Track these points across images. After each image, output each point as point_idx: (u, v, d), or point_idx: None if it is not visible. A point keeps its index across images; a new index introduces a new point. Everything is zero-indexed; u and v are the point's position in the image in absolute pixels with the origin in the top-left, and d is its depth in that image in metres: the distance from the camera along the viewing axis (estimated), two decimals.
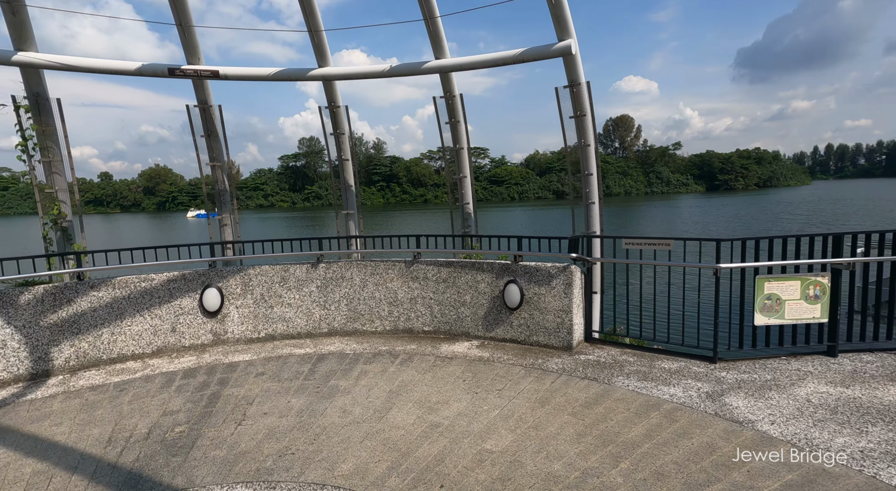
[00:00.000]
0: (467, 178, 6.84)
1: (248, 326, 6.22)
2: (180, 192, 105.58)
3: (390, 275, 6.34)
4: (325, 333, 6.40)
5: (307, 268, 6.36)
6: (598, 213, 6.02)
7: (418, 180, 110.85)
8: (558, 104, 5.79)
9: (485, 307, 5.97)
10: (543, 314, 5.58)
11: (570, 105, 5.68)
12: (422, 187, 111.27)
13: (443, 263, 6.17)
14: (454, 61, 5.72)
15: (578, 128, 5.80)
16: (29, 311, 5.12)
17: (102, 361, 5.52)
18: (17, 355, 5.05)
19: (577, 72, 5.46)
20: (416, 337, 6.24)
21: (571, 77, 5.50)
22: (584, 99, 5.62)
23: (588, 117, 5.67)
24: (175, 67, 5.55)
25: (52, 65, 5.02)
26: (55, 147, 5.67)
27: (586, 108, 5.66)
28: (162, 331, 5.84)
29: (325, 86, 6.43)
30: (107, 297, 5.55)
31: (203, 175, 6.72)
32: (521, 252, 5.79)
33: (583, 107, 5.65)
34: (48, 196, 5.80)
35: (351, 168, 7.11)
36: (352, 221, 7.19)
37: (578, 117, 5.70)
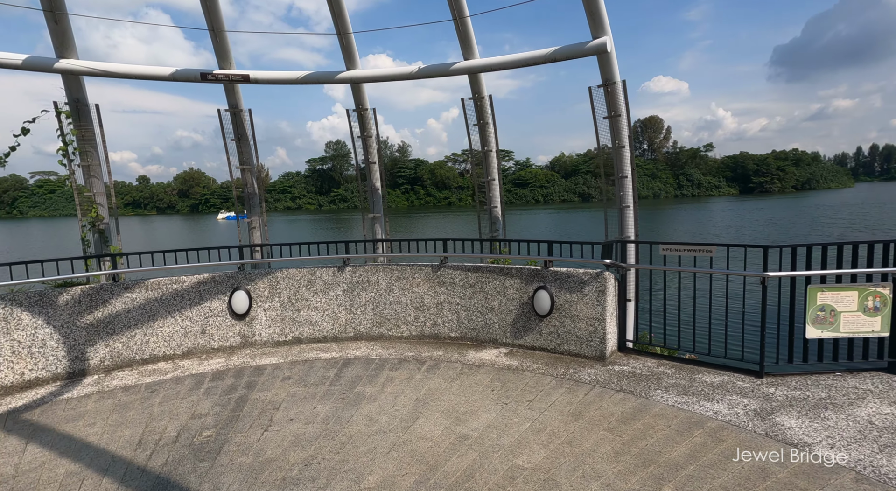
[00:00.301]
0: (496, 181, 6.69)
1: (275, 329, 6.23)
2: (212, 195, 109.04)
3: (417, 279, 6.25)
4: (351, 338, 6.36)
5: (333, 271, 6.34)
6: (633, 218, 5.78)
7: (442, 183, 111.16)
8: (591, 104, 5.58)
9: (513, 314, 5.81)
10: (575, 322, 5.38)
11: (605, 105, 5.47)
12: (446, 190, 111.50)
13: (470, 267, 6.04)
14: (483, 62, 5.60)
15: (613, 128, 5.57)
16: (67, 311, 5.25)
17: (135, 361, 5.62)
18: (55, 354, 5.18)
19: (612, 70, 5.24)
20: (443, 343, 6.12)
21: (606, 76, 5.29)
22: (619, 98, 5.40)
23: (623, 117, 5.44)
24: (207, 72, 5.63)
25: (91, 71, 5.16)
26: (94, 151, 5.83)
27: (621, 108, 5.43)
28: (192, 333, 5.90)
29: (352, 88, 6.41)
30: (140, 298, 5.65)
31: (233, 178, 6.80)
32: (552, 257, 5.60)
33: (617, 106, 5.43)
34: (87, 199, 5.97)
35: (378, 171, 7.07)
36: (378, 225, 7.14)
37: (613, 118, 5.48)
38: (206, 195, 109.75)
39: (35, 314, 5.08)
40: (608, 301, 5.21)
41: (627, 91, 5.29)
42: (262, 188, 6.91)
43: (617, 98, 5.40)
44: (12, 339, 4.95)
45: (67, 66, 5.09)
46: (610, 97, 5.36)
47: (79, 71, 5.16)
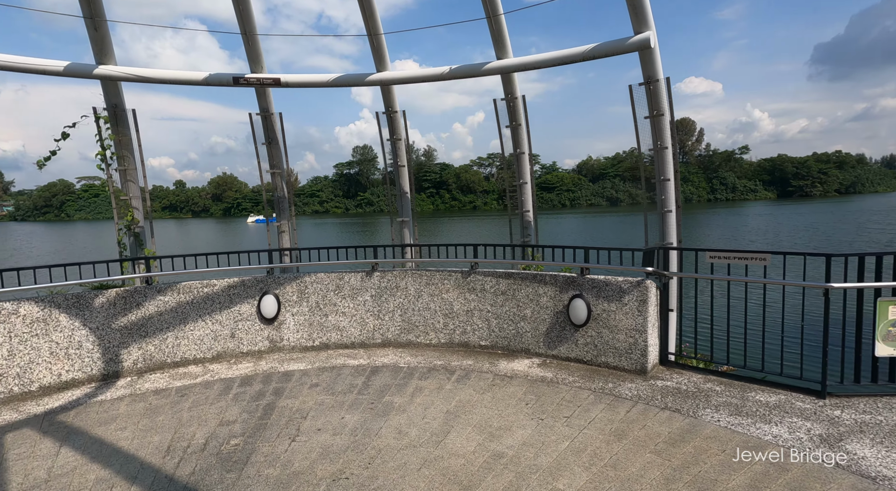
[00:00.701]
0: (528, 184, 6.47)
1: (303, 334, 6.17)
2: (244, 199, 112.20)
3: (446, 285, 6.08)
4: (379, 344, 6.24)
5: (362, 276, 6.24)
6: (676, 223, 5.45)
7: (468, 187, 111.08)
8: (632, 104, 5.31)
9: (547, 323, 5.56)
10: (613, 333, 5.09)
11: (646, 104, 5.18)
12: (471, 194, 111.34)
13: (501, 274, 5.83)
14: (517, 61, 5.41)
15: (654, 129, 5.28)
16: (102, 313, 5.32)
17: (167, 364, 5.64)
18: (90, 356, 5.25)
19: (655, 67, 4.96)
20: (473, 352, 5.92)
21: (648, 73, 5.01)
22: (661, 97, 5.10)
23: (666, 117, 5.14)
24: (239, 76, 5.65)
25: (128, 77, 5.25)
26: (130, 156, 5.93)
27: (664, 107, 5.14)
28: (222, 336, 5.90)
29: (382, 91, 6.33)
30: (172, 301, 5.68)
31: (263, 182, 6.81)
32: (588, 264, 5.33)
33: (660, 105, 5.13)
34: (123, 203, 6.07)
35: (406, 175, 6.95)
36: (406, 229, 7.02)
37: (655, 117, 5.19)
38: (237, 199, 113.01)
39: (72, 316, 5.16)
40: (650, 311, 4.91)
41: (671, 89, 5.00)
42: (292, 193, 6.90)
43: (659, 96, 5.11)
44: (50, 340, 5.04)
45: (106, 71, 5.18)
46: (652, 96, 5.08)
47: (116, 76, 5.25)
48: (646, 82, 5.08)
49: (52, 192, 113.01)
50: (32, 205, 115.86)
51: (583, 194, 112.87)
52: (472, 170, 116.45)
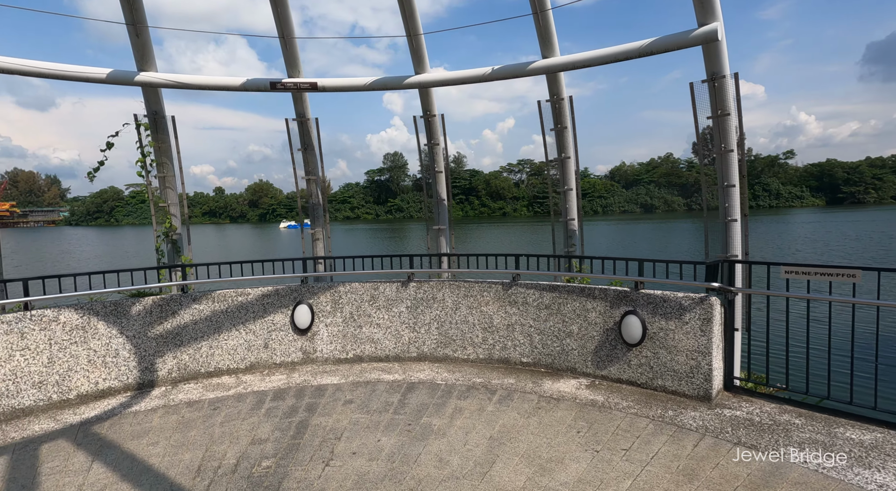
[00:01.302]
0: (573, 191, 6.08)
1: (336, 346, 5.97)
2: (279, 205, 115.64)
3: (485, 298, 5.75)
4: (414, 358, 5.96)
5: (397, 286, 6.00)
6: (742, 233, 4.94)
7: (497, 193, 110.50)
8: (693, 103, 4.86)
9: (595, 340, 5.14)
10: (672, 354, 4.62)
11: (709, 103, 4.73)
12: (500, 200, 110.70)
13: (546, 287, 5.45)
14: (566, 60, 5.06)
15: (719, 130, 4.81)
16: (139, 321, 5.28)
17: (201, 374, 5.55)
18: (127, 365, 5.20)
19: (722, 62, 4.51)
20: (514, 369, 5.55)
21: (713, 68, 4.56)
22: (727, 94, 4.64)
23: (733, 117, 4.67)
24: (276, 81, 5.55)
25: (168, 83, 5.23)
26: (169, 163, 5.92)
27: (730, 106, 4.67)
28: (255, 347, 5.77)
29: (420, 94, 6.11)
30: (206, 310, 5.59)
31: (298, 188, 6.70)
32: (643, 278, 4.89)
33: (726, 104, 4.67)
34: (161, 210, 6.07)
35: (444, 181, 6.69)
36: (443, 238, 6.74)
37: (720, 117, 4.73)
38: (273, 205, 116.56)
39: (110, 324, 5.13)
40: (714, 331, 4.42)
41: (739, 86, 4.52)
42: (326, 199, 6.76)
43: (725, 94, 4.64)
44: (88, 348, 5.01)
45: (146, 78, 5.18)
46: (717, 93, 4.62)
47: (157, 83, 5.23)
48: (710, 79, 4.63)
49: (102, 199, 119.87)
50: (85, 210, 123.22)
51: (615, 201, 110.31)
52: (502, 176, 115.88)
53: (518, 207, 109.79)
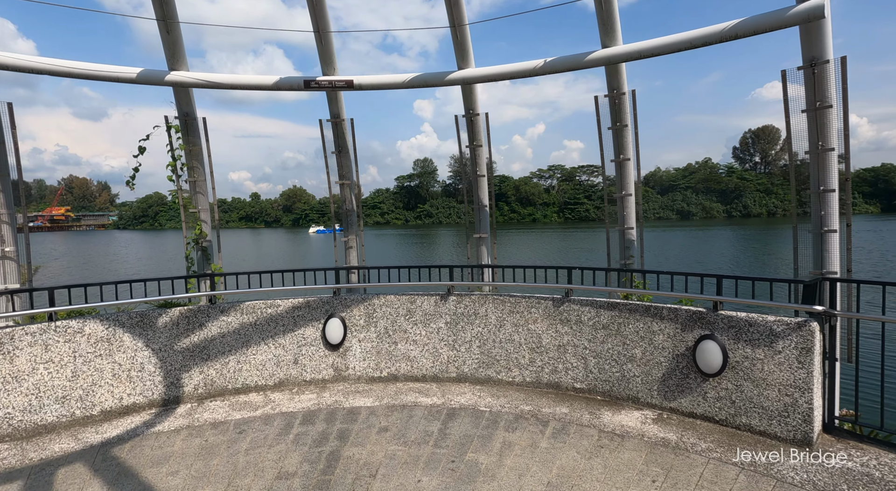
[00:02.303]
0: (632, 197, 5.45)
1: (370, 363, 5.54)
2: (311, 210, 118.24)
3: (533, 314, 5.18)
4: (454, 378, 5.45)
5: (436, 300, 5.51)
6: (846, 247, 4.19)
7: (527, 199, 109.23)
8: (784, 94, 4.17)
9: (663, 367, 4.49)
10: (760, 388, 3.93)
11: (805, 94, 4.04)
12: (530, 206, 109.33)
13: (604, 304, 4.84)
14: (630, 48, 4.47)
15: (815, 125, 4.10)
16: (165, 334, 5.00)
17: (227, 390, 5.22)
18: (152, 379, 4.93)
19: (824, 44, 3.83)
20: (566, 395, 4.95)
21: (813, 53, 3.88)
22: (828, 84, 3.94)
23: (836, 109, 3.96)
24: (310, 79, 5.21)
25: (199, 83, 4.98)
26: (200, 167, 5.68)
27: (831, 97, 3.96)
28: (284, 362, 5.41)
29: (463, 91, 5.64)
30: (235, 322, 5.28)
31: (331, 194, 6.35)
32: (723, 297, 4.22)
33: (826, 95, 3.97)
34: (192, 216, 5.82)
35: (486, 185, 6.19)
36: (484, 247, 6.22)
37: (818, 110, 4.02)
38: (306, 210, 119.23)
39: (135, 336, 4.87)
40: (815, 363, 3.71)
41: (846, 72, 3.81)
42: (360, 205, 6.37)
43: (826, 83, 3.94)
44: (113, 361, 4.76)
45: (177, 78, 4.93)
46: (817, 82, 3.92)
47: (188, 83, 4.99)
48: (808, 65, 3.94)
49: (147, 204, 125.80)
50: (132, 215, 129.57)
51: (650, 207, 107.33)
52: (532, 182, 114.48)
53: (548, 213, 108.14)
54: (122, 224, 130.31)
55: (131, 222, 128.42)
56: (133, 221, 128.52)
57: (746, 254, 34.45)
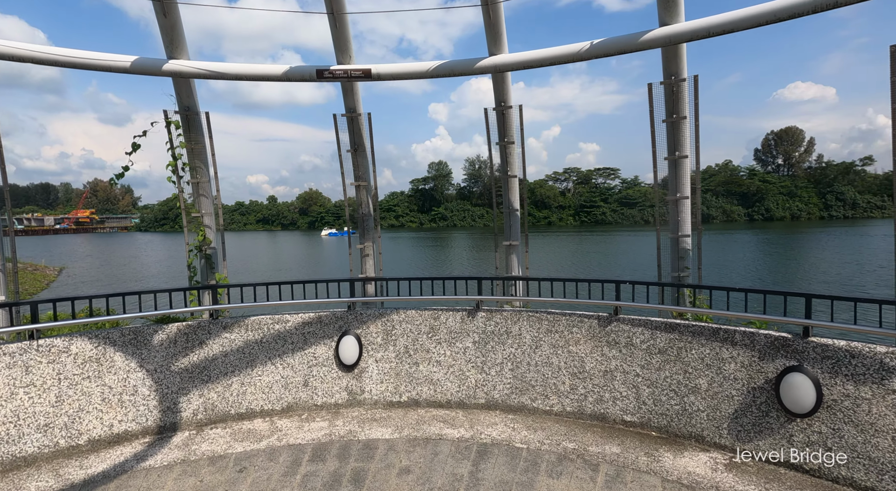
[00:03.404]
0: (688, 200, 4.75)
1: (388, 386, 4.93)
2: (327, 213, 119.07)
3: (575, 334, 4.52)
4: (482, 405, 4.81)
5: (462, 316, 4.89)
6: None
7: (542, 202, 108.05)
8: (892, 81, 3.44)
9: (734, 402, 3.79)
10: (867, 434, 3.21)
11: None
12: (546, 209, 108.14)
13: (660, 325, 4.16)
14: (697, 25, 3.78)
15: None
16: (161, 352, 4.48)
17: (230, 416, 4.67)
18: (146, 404, 4.40)
19: None
20: (614, 430, 4.27)
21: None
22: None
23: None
24: (324, 68, 4.66)
25: (200, 73, 4.47)
26: (203, 167, 5.17)
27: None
28: (293, 384, 4.84)
29: (494, 80, 5.02)
30: (238, 340, 4.73)
31: (346, 196, 5.78)
32: (814, 321, 3.51)
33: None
34: (195, 220, 5.32)
35: (517, 187, 5.55)
36: (515, 256, 5.58)
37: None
38: (321, 213, 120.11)
39: (128, 355, 4.36)
40: None
41: None
42: (377, 209, 5.79)
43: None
44: (103, 384, 4.25)
45: (176, 67, 4.43)
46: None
47: (188, 72, 4.48)
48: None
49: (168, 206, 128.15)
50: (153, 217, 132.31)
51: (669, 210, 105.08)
52: (548, 184, 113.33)
53: (564, 216, 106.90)
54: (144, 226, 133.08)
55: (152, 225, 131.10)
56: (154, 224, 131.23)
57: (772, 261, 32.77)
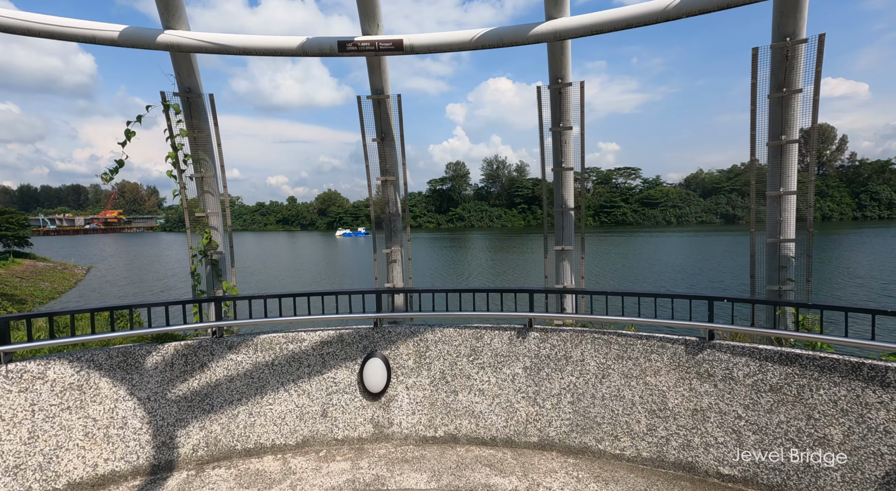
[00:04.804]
0: (794, 196, 3.83)
1: (421, 418, 4.14)
2: (345, 214, 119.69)
3: (654, 363, 3.65)
4: (536, 445, 3.97)
5: (511, 336, 4.07)
6: None
7: None
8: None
9: (885, 462, 2.87)
10: None
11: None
12: None
13: (773, 355, 3.26)
14: None
15: None
16: (155, 378, 3.78)
17: (235, 452, 3.95)
18: (137, 439, 3.71)
19: None
20: (707, 484, 3.39)
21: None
22: None
23: None
24: (347, 40, 3.91)
25: (203, 46, 3.77)
26: (208, 159, 4.47)
27: None
28: (310, 414, 4.09)
29: (550, 51, 4.17)
30: (246, 362, 4.01)
31: (371, 193, 5.02)
32: None
33: None
34: (199, 221, 4.63)
35: (571, 181, 4.69)
36: (568, 263, 4.72)
37: None
38: (340, 214, 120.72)
39: (116, 381, 3.67)
40: None
41: None
42: (407, 207, 5.00)
43: None
44: (86, 416, 3.57)
45: (173, 39, 3.73)
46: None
47: (187, 46, 3.77)
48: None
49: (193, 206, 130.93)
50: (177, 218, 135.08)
51: (692, 211, 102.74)
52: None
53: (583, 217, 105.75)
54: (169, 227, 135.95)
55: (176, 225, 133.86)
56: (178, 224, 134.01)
57: None
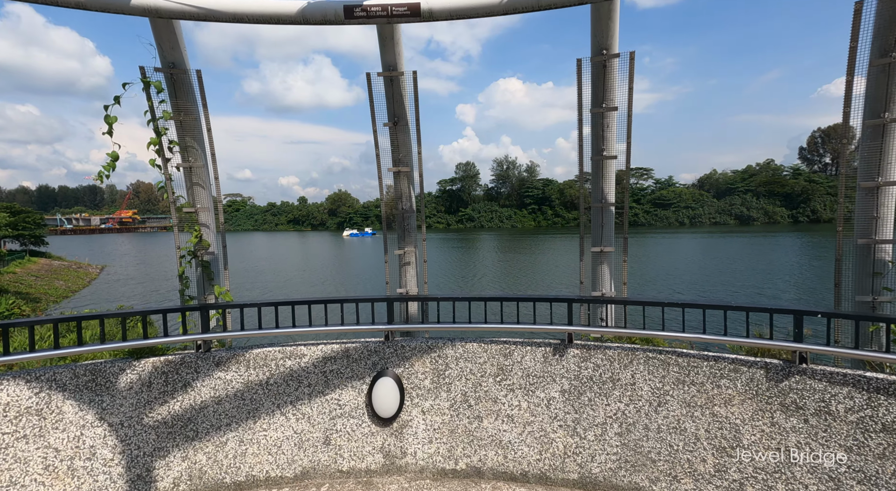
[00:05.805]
0: (893, 187, 3.15)
1: (439, 447, 3.54)
2: (355, 214, 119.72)
3: (724, 390, 3.00)
4: (575, 483, 3.35)
5: (545, 354, 3.45)
6: None
7: (572, 203, 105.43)
8: None
9: None
10: None
11: None
12: (575, 210, 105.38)
13: (882, 385, 2.59)
14: None
15: None
16: (130, 399, 3.23)
17: (223, 485, 3.38)
18: (108, 472, 3.16)
19: None
20: None
21: None
22: None
23: None
24: (354, 4, 3.34)
25: (187, 11, 3.22)
26: (197, 148, 3.92)
27: None
28: (310, 441, 3.51)
29: (594, 17, 3.53)
30: (236, 380, 3.44)
31: (382, 189, 4.43)
32: None
33: None
34: (188, 217, 4.08)
35: (612, 173, 4.05)
36: (607, 267, 4.07)
37: None
38: (350, 214, 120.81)
39: (83, 404, 3.13)
40: None
41: None
42: (423, 203, 4.39)
43: None
44: (46, 445, 3.03)
45: (150, 1, 3.18)
46: None
47: (167, 10, 3.22)
48: None
49: None
50: None
51: (705, 211, 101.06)
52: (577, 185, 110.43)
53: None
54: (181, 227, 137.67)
55: None
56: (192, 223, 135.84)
57: None
